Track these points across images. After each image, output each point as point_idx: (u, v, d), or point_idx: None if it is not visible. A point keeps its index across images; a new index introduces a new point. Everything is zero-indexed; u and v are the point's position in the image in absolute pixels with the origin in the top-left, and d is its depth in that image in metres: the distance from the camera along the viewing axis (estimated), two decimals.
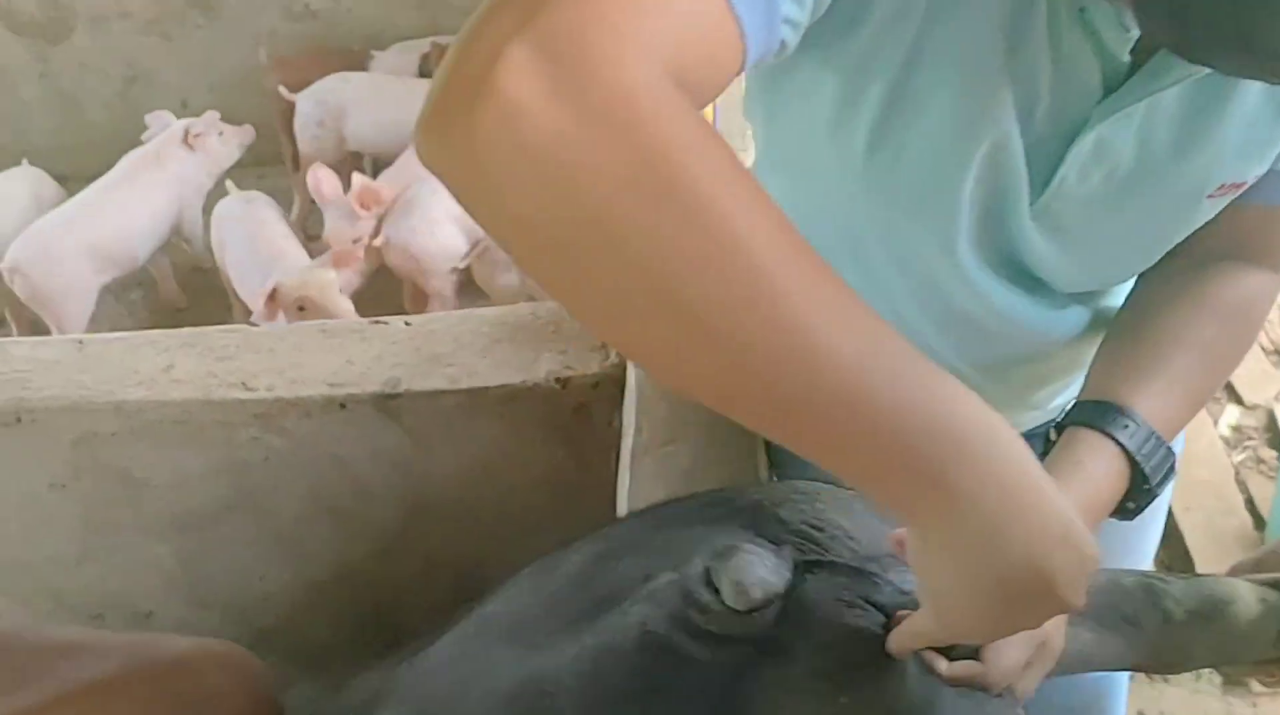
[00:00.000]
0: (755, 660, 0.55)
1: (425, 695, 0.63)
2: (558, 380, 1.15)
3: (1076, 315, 0.84)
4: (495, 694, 0.59)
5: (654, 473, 1.04)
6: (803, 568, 0.57)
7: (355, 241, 2.34)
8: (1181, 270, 0.75)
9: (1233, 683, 1.74)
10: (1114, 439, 0.65)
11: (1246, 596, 0.68)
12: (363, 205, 2.41)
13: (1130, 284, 0.84)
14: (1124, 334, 0.74)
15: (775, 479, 1.09)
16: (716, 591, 0.55)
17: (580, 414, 1.17)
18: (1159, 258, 0.77)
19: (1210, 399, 0.72)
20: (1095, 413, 0.67)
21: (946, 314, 0.82)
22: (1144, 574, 0.70)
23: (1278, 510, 1.92)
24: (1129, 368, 0.69)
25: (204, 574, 1.32)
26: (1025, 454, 0.48)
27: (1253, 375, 2.40)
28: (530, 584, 0.66)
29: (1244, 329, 0.74)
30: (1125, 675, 1.37)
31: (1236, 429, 2.30)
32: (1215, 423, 2.31)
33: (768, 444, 1.09)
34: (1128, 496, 0.67)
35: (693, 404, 1.11)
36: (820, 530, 0.60)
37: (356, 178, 2.49)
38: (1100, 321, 0.86)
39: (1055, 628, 0.63)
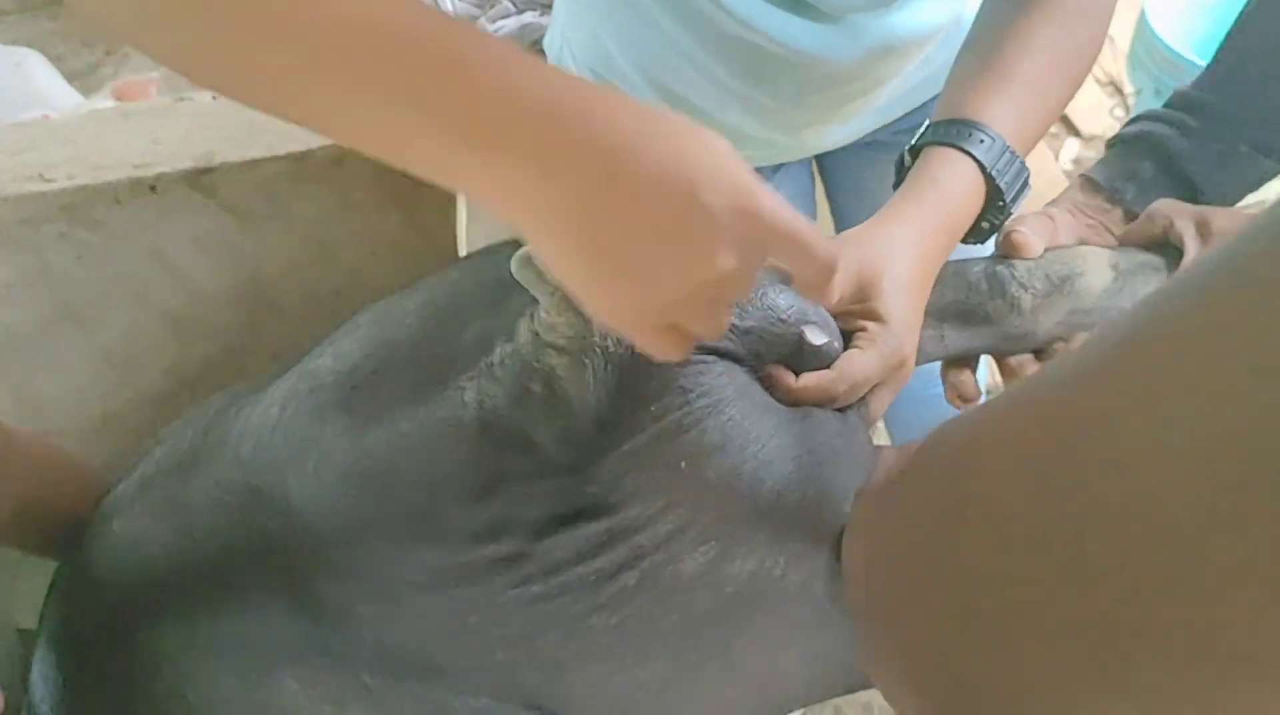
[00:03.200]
0: (598, 443, 0.53)
1: (255, 459, 0.59)
2: None
3: (855, 37, 0.82)
4: (329, 468, 0.56)
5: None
6: None
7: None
8: None
9: None
10: (969, 154, 0.64)
11: (1097, 265, 0.67)
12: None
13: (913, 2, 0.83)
14: (972, 50, 0.72)
15: None
16: (539, 341, 0.52)
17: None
18: None
19: (1062, 110, 0.71)
20: (949, 130, 0.66)
21: (734, 52, 0.82)
22: (990, 261, 0.69)
23: None
24: (980, 82, 0.68)
25: (37, 399, 1.23)
26: (605, 106, 0.42)
27: (1090, 107, 2.44)
28: (364, 337, 0.62)
29: (1090, 29, 0.72)
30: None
31: (1077, 162, 2.36)
32: (1056, 158, 2.36)
33: None
34: (983, 214, 0.67)
35: None
36: None
37: None
38: (893, 40, 0.85)
39: (909, 349, 0.61)
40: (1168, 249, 0.70)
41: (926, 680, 0.34)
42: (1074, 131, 2.42)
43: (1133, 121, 0.79)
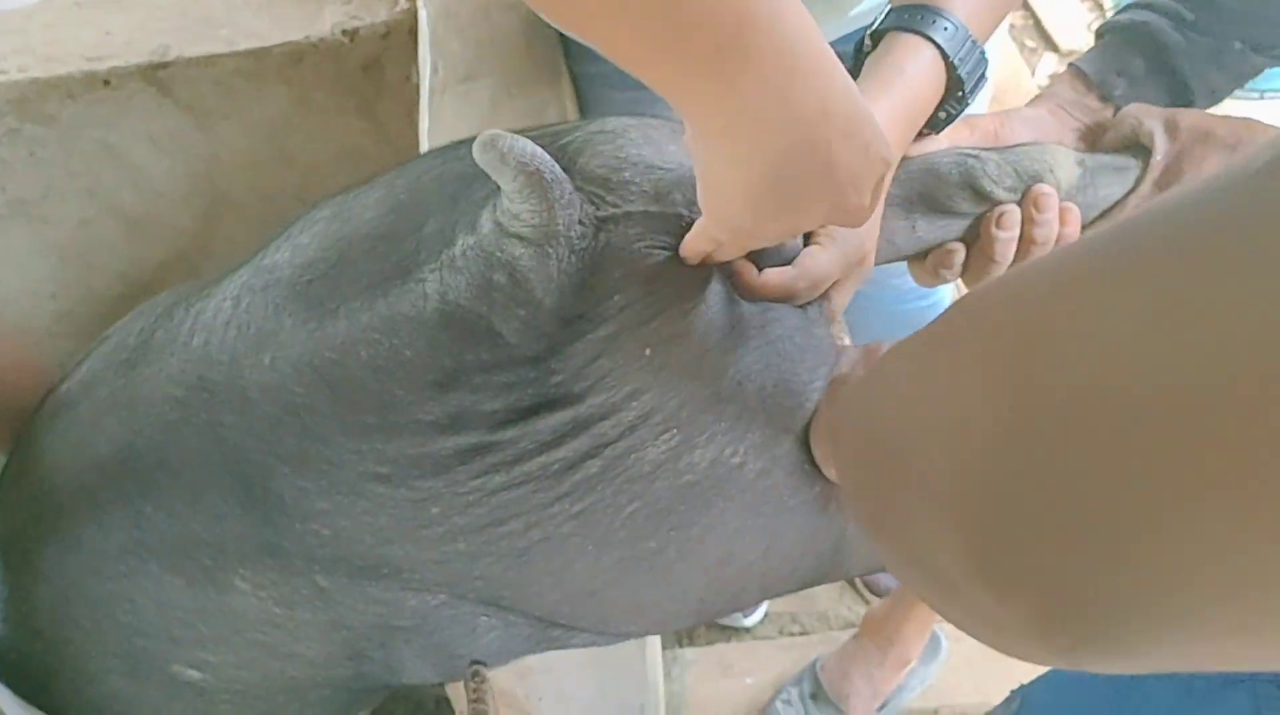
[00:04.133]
0: (561, 334, 0.52)
1: (207, 353, 0.57)
2: (344, 32, 1.07)
3: None
4: (286, 360, 0.54)
5: (455, 111, 0.99)
6: (596, 225, 0.54)
7: None
8: None
9: None
10: (931, 40, 0.63)
11: (1064, 162, 0.67)
12: None
13: None
14: None
15: (581, 116, 1.05)
16: (502, 231, 0.52)
17: (372, 71, 1.09)
18: None
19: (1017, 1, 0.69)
20: (912, 16, 0.64)
21: None
22: (960, 153, 0.68)
23: None
24: None
25: None
26: (815, 41, 0.45)
27: (1067, 21, 2.44)
28: (321, 232, 0.60)
29: None
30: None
31: (1053, 77, 2.36)
32: (1033, 73, 2.35)
33: (574, 78, 1.05)
34: (942, 103, 0.65)
35: (489, 40, 1.05)
36: (620, 172, 0.56)
37: None
38: None
39: (870, 245, 0.62)
40: (1137, 148, 0.70)
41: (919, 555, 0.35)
42: (1051, 46, 2.42)
43: (1125, 9, 0.77)
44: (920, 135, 0.67)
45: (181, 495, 0.57)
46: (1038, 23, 2.33)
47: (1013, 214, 0.66)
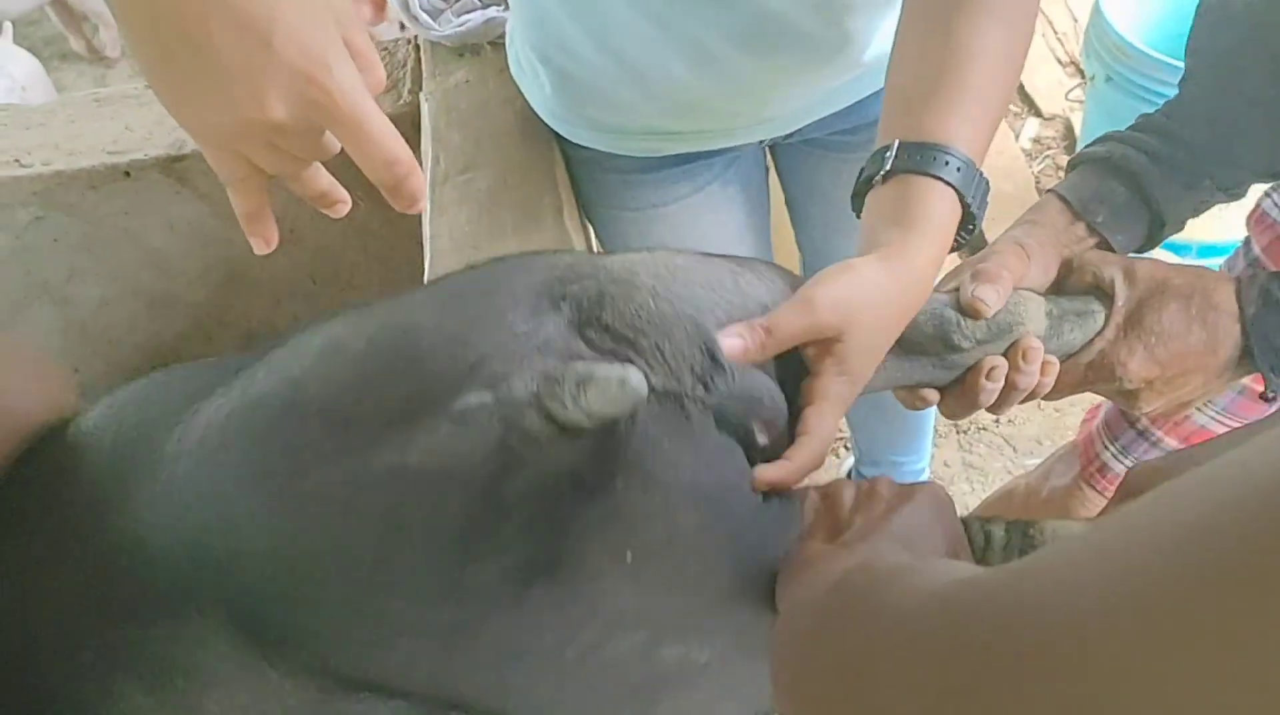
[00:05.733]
0: (568, 502, 0.51)
1: (192, 486, 0.55)
2: None
3: None
4: (282, 508, 0.53)
5: (455, 199, 1.04)
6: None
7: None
8: None
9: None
10: (946, 182, 0.65)
11: (1035, 314, 0.70)
12: None
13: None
14: (916, 56, 0.72)
15: (578, 200, 1.10)
16: (546, 416, 0.49)
17: None
18: None
19: (1007, 109, 0.72)
20: (924, 157, 0.66)
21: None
22: (936, 302, 0.69)
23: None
24: (936, 98, 0.68)
25: None
26: None
27: (1049, 87, 2.47)
28: (313, 363, 0.57)
29: (1023, 22, 0.72)
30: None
31: (1036, 141, 2.38)
32: (1016, 137, 2.40)
33: (572, 175, 1.10)
34: (957, 233, 0.68)
35: (488, 133, 1.11)
36: (641, 337, 0.54)
37: None
38: None
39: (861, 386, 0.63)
40: (1100, 293, 0.72)
41: None
42: (1035, 111, 2.47)
43: (1098, 142, 0.79)
44: None
45: (160, 615, 0.55)
46: (1020, 88, 2.39)
47: (1001, 368, 0.68)
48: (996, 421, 1.82)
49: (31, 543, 0.59)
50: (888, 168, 0.67)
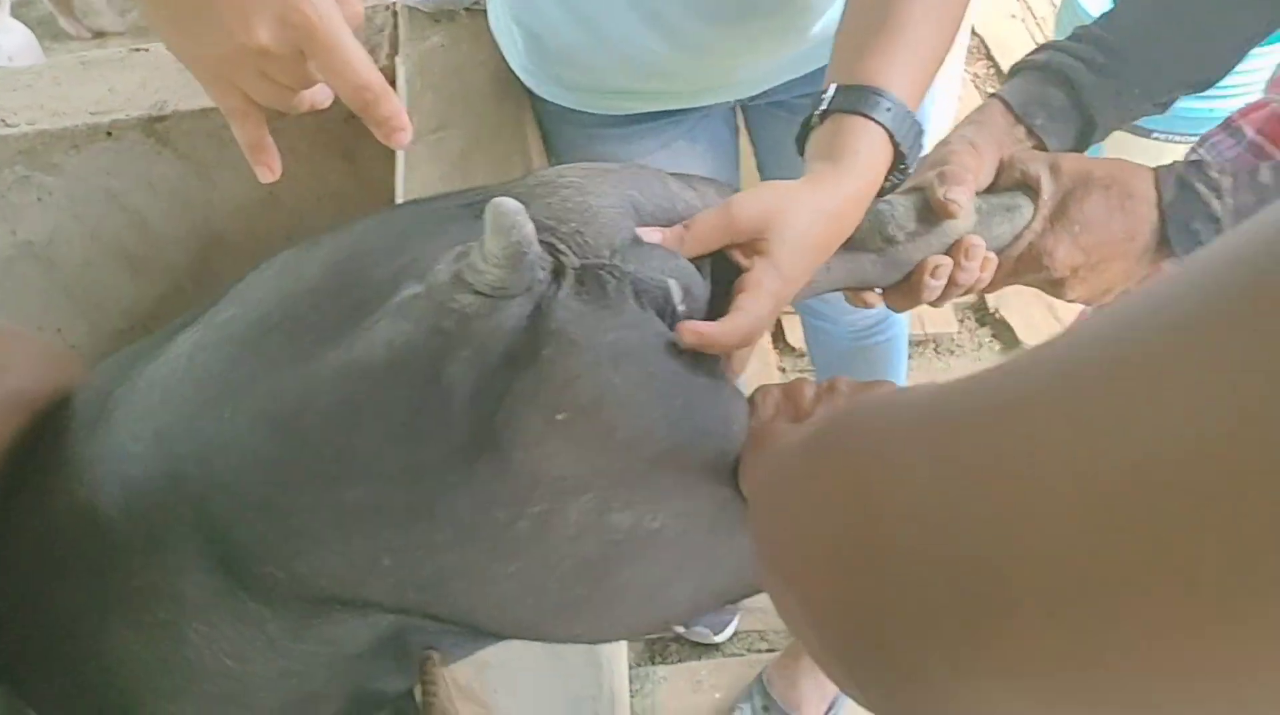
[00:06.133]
0: (500, 384, 0.53)
1: (165, 409, 0.58)
2: None
3: None
4: (243, 413, 0.56)
5: (427, 158, 1.08)
6: (550, 277, 0.55)
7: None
8: None
9: (1010, 348, 1.91)
10: (879, 123, 0.68)
11: (965, 208, 0.73)
12: None
13: None
14: (858, 10, 0.76)
15: (549, 156, 1.13)
16: (470, 289, 0.53)
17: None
18: None
19: (944, 58, 0.76)
20: (856, 98, 0.69)
21: None
22: (873, 199, 0.73)
23: None
24: (875, 45, 0.71)
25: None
26: None
27: (1017, 52, 2.49)
28: (271, 288, 0.61)
29: None
30: (904, 346, 1.50)
31: (982, 107, 2.42)
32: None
33: (543, 129, 1.13)
34: (887, 175, 0.71)
35: (461, 94, 1.14)
36: (562, 224, 0.57)
37: None
38: None
39: (783, 302, 0.64)
40: (1027, 189, 0.76)
41: (827, 633, 0.36)
42: (1001, 74, 2.49)
43: (1040, 50, 0.83)
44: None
45: (142, 548, 0.57)
46: (1000, 71, 2.42)
47: (946, 266, 0.71)
48: None
49: (35, 497, 0.62)
50: (823, 108, 0.70)
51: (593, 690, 0.95)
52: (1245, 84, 1.62)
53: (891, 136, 0.68)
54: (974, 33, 2.44)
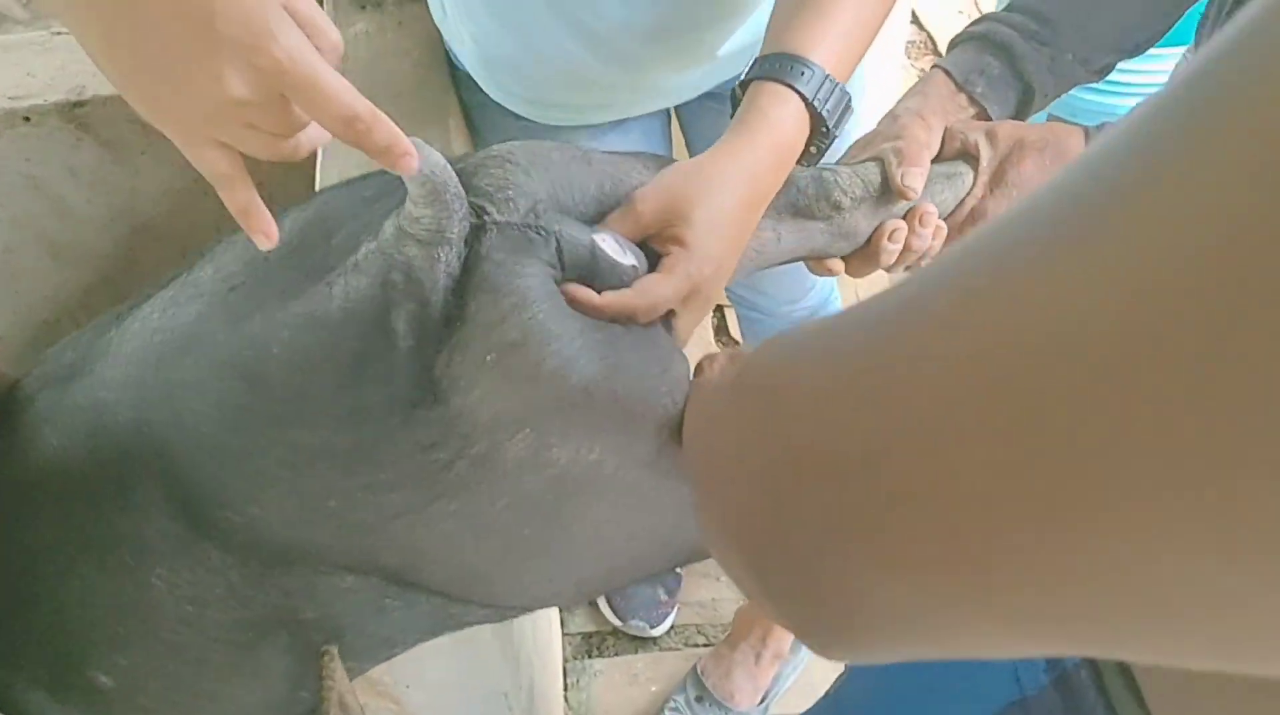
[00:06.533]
0: (441, 332, 0.56)
1: (135, 359, 0.62)
2: None
3: None
4: (206, 358, 0.59)
5: (346, 146, 1.06)
6: (476, 233, 0.57)
7: None
8: None
9: None
10: (792, 87, 0.68)
11: (920, 188, 0.76)
12: None
13: None
14: None
15: (475, 144, 1.13)
16: (412, 239, 0.55)
17: None
18: None
19: (876, 34, 0.76)
20: (773, 65, 0.70)
21: None
22: (816, 169, 0.74)
23: None
24: (802, 15, 0.72)
25: None
26: None
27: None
28: (240, 250, 0.65)
29: None
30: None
31: (924, 74, 2.44)
32: None
33: (466, 114, 1.13)
34: (810, 140, 0.71)
35: (383, 82, 1.13)
36: (505, 190, 0.60)
37: None
38: None
39: (706, 281, 0.65)
40: (967, 157, 0.80)
41: (757, 564, 0.36)
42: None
43: (978, 21, 0.86)
44: (797, 167, 0.72)
45: (108, 492, 0.60)
46: (935, 48, 2.44)
47: (901, 230, 0.74)
48: None
49: (9, 442, 0.64)
50: (742, 78, 0.71)
51: (508, 685, 0.95)
52: (1145, 83, 1.64)
53: (808, 101, 0.69)
54: (921, 27, 2.45)
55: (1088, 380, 0.19)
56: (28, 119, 1.14)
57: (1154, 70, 1.63)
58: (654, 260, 0.66)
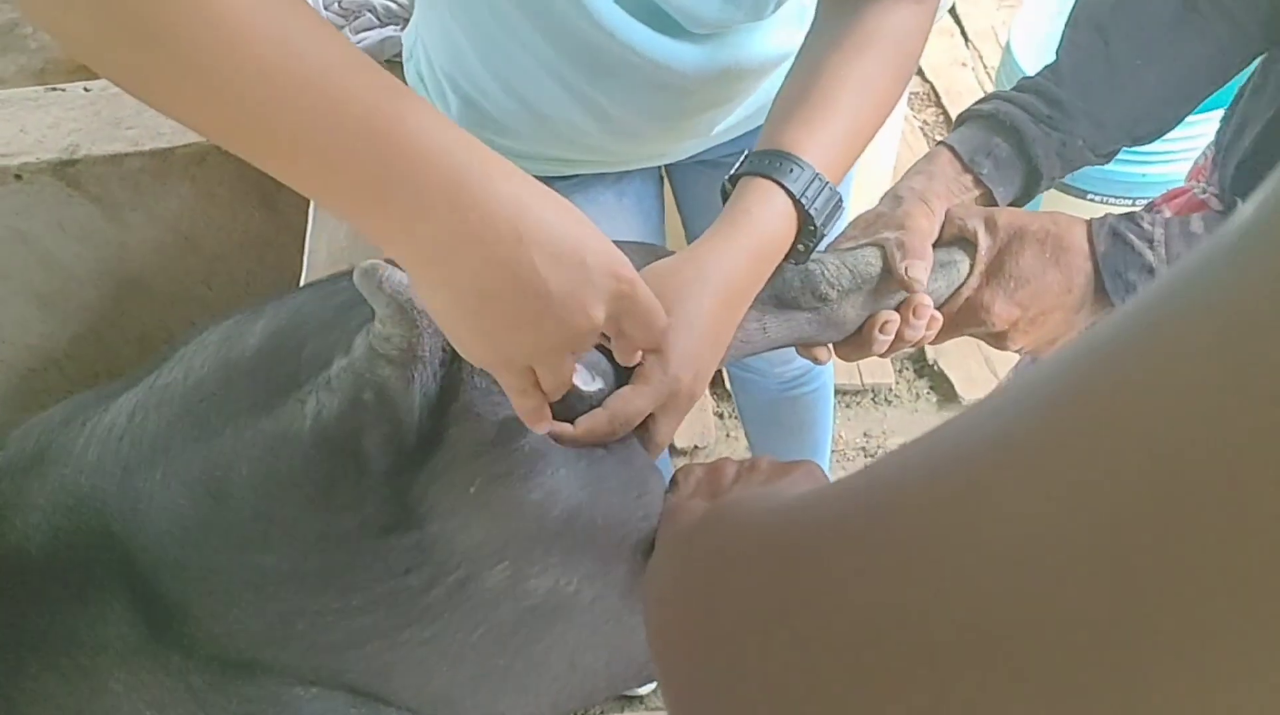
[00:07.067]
0: (416, 455, 0.56)
1: (100, 467, 0.61)
2: None
3: (700, 52, 0.87)
4: (175, 475, 0.58)
5: (335, 219, 1.06)
6: (453, 354, 0.57)
7: None
8: (838, 14, 0.77)
9: (948, 400, 1.91)
10: (780, 184, 0.68)
11: (924, 281, 0.75)
12: None
13: (760, 26, 0.87)
14: (792, 82, 0.76)
15: None
16: (383, 358, 0.55)
17: None
18: None
19: (873, 136, 0.76)
20: (763, 161, 0.70)
21: (580, 51, 0.85)
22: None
23: None
24: (797, 114, 0.72)
25: None
26: (495, 170, 0.48)
27: (965, 98, 2.46)
28: (212, 356, 0.63)
29: (902, 62, 0.77)
30: (830, 396, 1.50)
31: (930, 154, 2.42)
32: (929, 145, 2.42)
33: None
34: (798, 238, 0.71)
35: None
36: None
37: None
38: (737, 62, 0.90)
39: (683, 385, 0.65)
40: (965, 244, 0.77)
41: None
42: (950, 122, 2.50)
43: (986, 99, 0.83)
44: (785, 263, 0.72)
45: (66, 596, 0.59)
46: (948, 118, 2.43)
47: (894, 322, 0.73)
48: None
49: None
50: (733, 172, 0.71)
51: None
52: (1180, 150, 1.63)
53: (796, 199, 0.69)
54: (924, 79, 2.45)
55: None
56: (18, 176, 1.14)
57: (1191, 138, 1.62)
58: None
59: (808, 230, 0.71)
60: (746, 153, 0.72)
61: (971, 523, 0.22)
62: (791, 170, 0.69)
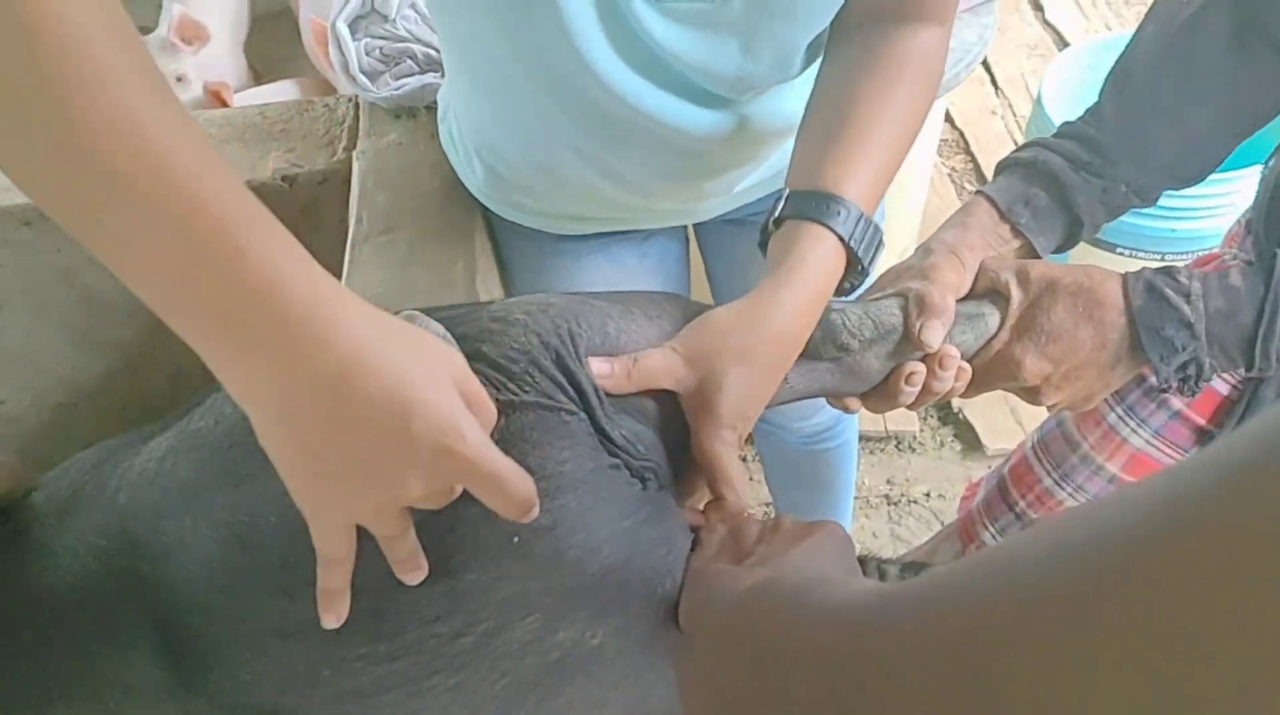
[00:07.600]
0: (463, 500, 0.55)
1: (131, 511, 0.61)
2: (284, 178, 1.16)
3: (722, 116, 0.87)
4: (205, 520, 0.58)
5: (372, 259, 1.07)
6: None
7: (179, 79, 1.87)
8: (861, 40, 0.77)
9: (972, 449, 1.90)
10: (829, 228, 0.68)
11: (938, 342, 0.74)
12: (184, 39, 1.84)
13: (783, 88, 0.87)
14: (821, 114, 0.76)
15: (500, 265, 1.13)
16: None
17: (309, 212, 1.18)
18: (805, 46, 0.80)
19: (900, 165, 0.77)
20: (809, 204, 0.69)
21: (593, 116, 0.84)
22: (826, 308, 0.74)
23: None
24: (835, 151, 0.71)
25: None
26: (325, 304, 0.44)
27: (996, 147, 2.45)
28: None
29: (925, 86, 0.77)
30: (854, 451, 1.50)
31: (967, 204, 2.43)
32: (959, 195, 2.39)
33: (494, 237, 1.13)
34: (844, 277, 0.71)
35: (412, 195, 1.14)
36: (515, 363, 0.60)
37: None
38: (758, 124, 0.90)
39: (729, 444, 0.66)
40: (996, 297, 0.76)
41: None
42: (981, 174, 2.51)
43: (1025, 147, 0.83)
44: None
45: (96, 637, 0.60)
46: (979, 170, 2.43)
47: (920, 374, 0.72)
48: (927, 495, 1.84)
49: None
50: (776, 214, 0.71)
51: None
52: (1211, 207, 1.63)
53: (845, 243, 0.69)
54: (953, 126, 2.46)
55: None
56: None
57: (1211, 194, 1.61)
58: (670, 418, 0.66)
59: (855, 270, 0.71)
60: (787, 193, 0.72)
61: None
62: (839, 213, 0.69)
